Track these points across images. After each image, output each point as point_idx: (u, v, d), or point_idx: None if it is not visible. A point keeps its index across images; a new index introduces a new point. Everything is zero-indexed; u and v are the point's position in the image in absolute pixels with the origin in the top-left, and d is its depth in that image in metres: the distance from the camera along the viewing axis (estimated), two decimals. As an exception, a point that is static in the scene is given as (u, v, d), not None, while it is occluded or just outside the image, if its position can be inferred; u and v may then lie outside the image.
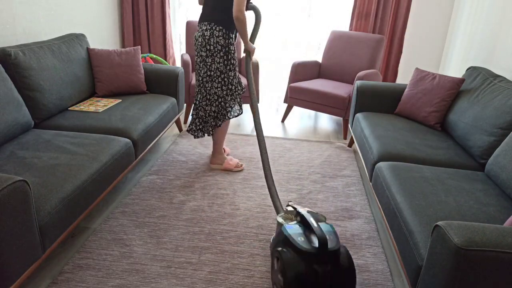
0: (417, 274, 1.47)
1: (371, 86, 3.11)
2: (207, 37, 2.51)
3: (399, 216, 1.74)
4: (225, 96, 2.65)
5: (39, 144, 2.06)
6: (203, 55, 2.57)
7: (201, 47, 2.56)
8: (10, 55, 2.21)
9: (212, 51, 2.53)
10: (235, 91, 2.66)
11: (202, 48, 2.56)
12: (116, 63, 2.96)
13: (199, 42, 2.57)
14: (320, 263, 1.54)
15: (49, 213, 1.58)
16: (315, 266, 1.53)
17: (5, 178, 1.37)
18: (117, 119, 2.50)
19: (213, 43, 2.51)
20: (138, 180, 2.63)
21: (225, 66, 2.57)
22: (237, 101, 2.71)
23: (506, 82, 2.35)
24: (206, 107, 2.69)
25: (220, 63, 2.56)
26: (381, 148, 2.35)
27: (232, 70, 2.61)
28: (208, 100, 2.67)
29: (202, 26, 2.55)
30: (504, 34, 2.86)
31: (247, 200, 2.45)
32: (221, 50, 2.53)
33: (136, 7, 4.14)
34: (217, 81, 2.61)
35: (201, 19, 2.58)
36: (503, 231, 1.22)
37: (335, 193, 2.62)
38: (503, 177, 1.91)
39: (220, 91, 2.63)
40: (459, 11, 3.84)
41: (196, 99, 2.73)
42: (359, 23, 4.10)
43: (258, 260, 1.92)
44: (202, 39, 2.54)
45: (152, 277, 1.75)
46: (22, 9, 2.60)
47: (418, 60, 4.24)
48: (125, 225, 2.12)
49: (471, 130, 2.32)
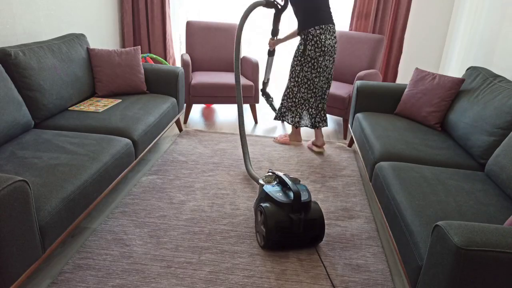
0: (417, 274, 1.47)
1: (371, 86, 3.11)
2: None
3: (399, 216, 1.74)
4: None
5: (39, 144, 2.06)
6: (335, 57, 3.19)
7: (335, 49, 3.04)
8: (10, 55, 2.21)
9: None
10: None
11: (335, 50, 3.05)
12: (116, 63, 2.96)
13: (335, 45, 2.99)
14: (294, 212, 1.93)
15: (49, 213, 1.58)
16: (291, 215, 1.92)
17: (5, 178, 1.37)
18: (117, 119, 2.50)
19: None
20: (138, 180, 2.63)
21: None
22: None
23: (506, 82, 2.35)
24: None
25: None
26: (381, 148, 2.35)
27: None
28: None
29: (333, 28, 2.97)
30: (504, 34, 2.86)
31: (247, 200, 2.45)
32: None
33: (136, 7, 4.14)
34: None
35: (330, 21, 2.95)
36: (503, 231, 1.22)
37: (335, 193, 2.62)
38: (503, 177, 1.91)
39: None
40: (459, 11, 3.84)
41: (325, 95, 3.17)
42: (359, 23, 4.10)
43: (258, 260, 1.92)
44: (335, 42, 3.01)
45: (152, 277, 1.75)
46: (22, 9, 2.60)
47: (418, 60, 4.24)
48: (125, 225, 2.12)
49: (471, 130, 2.32)
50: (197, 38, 4.06)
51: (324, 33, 2.91)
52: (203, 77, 3.78)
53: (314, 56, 2.95)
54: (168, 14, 4.18)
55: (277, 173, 2.19)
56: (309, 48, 2.94)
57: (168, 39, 4.25)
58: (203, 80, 3.68)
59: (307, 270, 1.87)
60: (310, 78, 3.03)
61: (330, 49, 2.98)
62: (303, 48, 2.97)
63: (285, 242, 1.96)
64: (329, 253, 2.01)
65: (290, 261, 1.92)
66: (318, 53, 2.94)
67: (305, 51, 2.96)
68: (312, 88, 3.08)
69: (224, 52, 4.12)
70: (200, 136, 3.48)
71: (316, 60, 2.96)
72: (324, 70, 3.05)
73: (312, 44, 2.93)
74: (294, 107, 3.17)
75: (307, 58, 2.97)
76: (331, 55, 3.01)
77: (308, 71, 3.01)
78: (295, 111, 3.18)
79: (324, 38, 2.92)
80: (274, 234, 1.91)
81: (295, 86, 3.10)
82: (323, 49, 2.94)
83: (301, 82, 3.06)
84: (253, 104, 3.89)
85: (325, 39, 2.92)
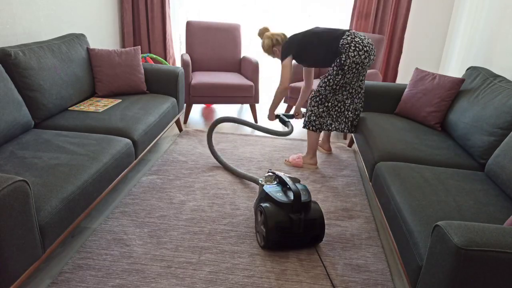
0: (417, 274, 1.47)
1: (371, 86, 3.11)
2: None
3: (399, 216, 1.74)
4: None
5: (39, 144, 2.06)
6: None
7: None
8: (10, 55, 2.21)
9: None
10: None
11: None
12: (116, 63, 2.96)
13: (372, 46, 2.71)
14: (294, 212, 1.93)
15: (49, 213, 1.58)
16: (291, 215, 1.91)
17: (5, 178, 1.36)
18: (117, 119, 2.50)
19: None
20: (138, 180, 2.63)
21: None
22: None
23: (506, 82, 2.35)
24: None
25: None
26: (381, 148, 2.35)
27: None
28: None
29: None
30: (504, 34, 2.86)
31: (247, 200, 2.45)
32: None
33: (136, 7, 4.14)
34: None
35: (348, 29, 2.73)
36: (503, 231, 1.22)
37: (335, 193, 2.62)
38: (503, 177, 1.91)
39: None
40: (459, 11, 3.84)
41: (360, 105, 2.93)
42: (359, 23, 4.10)
43: (258, 260, 1.92)
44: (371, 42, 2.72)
45: (152, 277, 1.75)
46: (22, 9, 2.60)
47: (418, 60, 4.24)
48: (125, 225, 2.12)
49: (471, 130, 2.32)
50: (197, 38, 4.06)
51: (355, 36, 2.63)
52: (203, 77, 3.78)
53: (359, 60, 2.61)
54: (168, 14, 4.18)
55: (277, 173, 2.19)
56: (351, 55, 2.59)
57: (168, 39, 4.26)
58: (203, 80, 3.68)
59: (307, 270, 1.87)
60: (349, 82, 2.76)
61: (372, 48, 2.68)
62: (338, 68, 2.67)
63: (285, 242, 1.95)
64: (329, 253, 2.01)
65: (290, 261, 1.92)
66: (363, 55, 2.61)
67: (343, 68, 2.65)
68: (348, 89, 2.83)
69: (224, 52, 4.12)
70: (200, 136, 3.48)
71: (361, 64, 2.65)
72: (364, 69, 2.75)
73: (352, 50, 2.59)
74: (326, 112, 2.87)
75: (351, 65, 2.63)
76: (373, 54, 2.70)
77: (349, 77, 2.71)
78: (327, 116, 2.89)
79: (359, 39, 2.62)
80: (274, 234, 1.91)
81: (330, 92, 2.79)
82: (365, 50, 2.62)
83: (336, 88, 2.77)
84: (253, 104, 3.89)
85: (360, 39, 2.62)
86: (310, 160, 2.97)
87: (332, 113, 2.89)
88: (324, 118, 2.88)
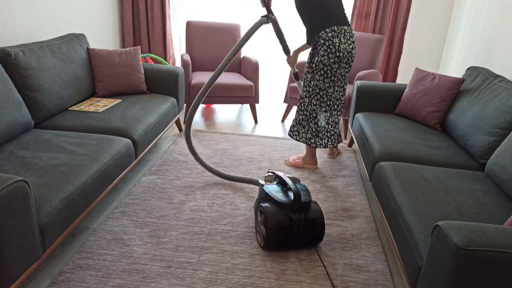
0: (417, 274, 1.47)
1: (371, 86, 3.11)
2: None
3: (399, 216, 1.74)
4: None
5: (39, 144, 2.06)
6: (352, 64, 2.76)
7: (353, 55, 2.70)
8: (10, 55, 2.21)
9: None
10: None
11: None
12: (116, 63, 2.96)
13: (353, 51, 2.66)
14: (294, 212, 1.93)
15: (49, 213, 1.58)
16: (291, 215, 1.92)
17: (5, 178, 1.36)
18: (117, 119, 2.50)
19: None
20: (138, 180, 2.63)
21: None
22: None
23: (506, 82, 2.35)
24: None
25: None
26: (381, 148, 2.35)
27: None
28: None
29: (349, 30, 2.65)
30: (504, 34, 2.86)
31: (247, 200, 2.45)
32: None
33: (136, 7, 4.13)
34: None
35: (343, 22, 2.63)
36: (503, 231, 1.22)
37: (335, 193, 2.62)
38: (503, 177, 1.91)
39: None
40: (459, 11, 3.84)
41: (342, 107, 2.87)
42: (359, 23, 4.10)
43: (258, 260, 1.92)
44: (353, 47, 2.67)
45: (152, 277, 1.75)
46: (22, 9, 2.60)
47: (418, 60, 4.24)
48: (125, 225, 2.12)
49: (471, 130, 2.32)
50: (197, 38, 4.06)
51: (338, 36, 2.57)
52: (203, 77, 3.79)
53: (328, 63, 2.59)
54: (168, 14, 4.18)
55: (277, 173, 2.19)
56: (321, 53, 2.59)
57: (168, 39, 4.25)
58: (203, 80, 3.68)
59: (307, 270, 1.87)
60: (323, 88, 2.69)
61: (347, 55, 2.62)
62: (310, 56, 2.70)
63: (285, 242, 1.96)
64: (329, 253, 2.01)
65: (290, 261, 1.92)
66: (332, 59, 2.58)
67: (313, 58, 2.67)
68: (325, 99, 2.74)
69: (224, 52, 4.12)
70: (200, 136, 3.48)
71: (329, 67, 2.61)
72: (339, 79, 2.71)
73: (324, 49, 2.58)
74: (305, 121, 2.81)
75: (318, 65, 2.62)
76: (347, 62, 2.66)
77: (320, 79, 2.66)
78: (307, 126, 2.81)
79: (337, 41, 2.57)
80: (274, 234, 1.91)
81: (306, 97, 2.75)
82: (337, 55, 2.58)
83: (313, 93, 2.72)
84: (253, 104, 3.89)
85: (339, 42, 2.57)
86: (310, 160, 2.96)
87: (311, 124, 2.83)
88: (304, 126, 2.85)
